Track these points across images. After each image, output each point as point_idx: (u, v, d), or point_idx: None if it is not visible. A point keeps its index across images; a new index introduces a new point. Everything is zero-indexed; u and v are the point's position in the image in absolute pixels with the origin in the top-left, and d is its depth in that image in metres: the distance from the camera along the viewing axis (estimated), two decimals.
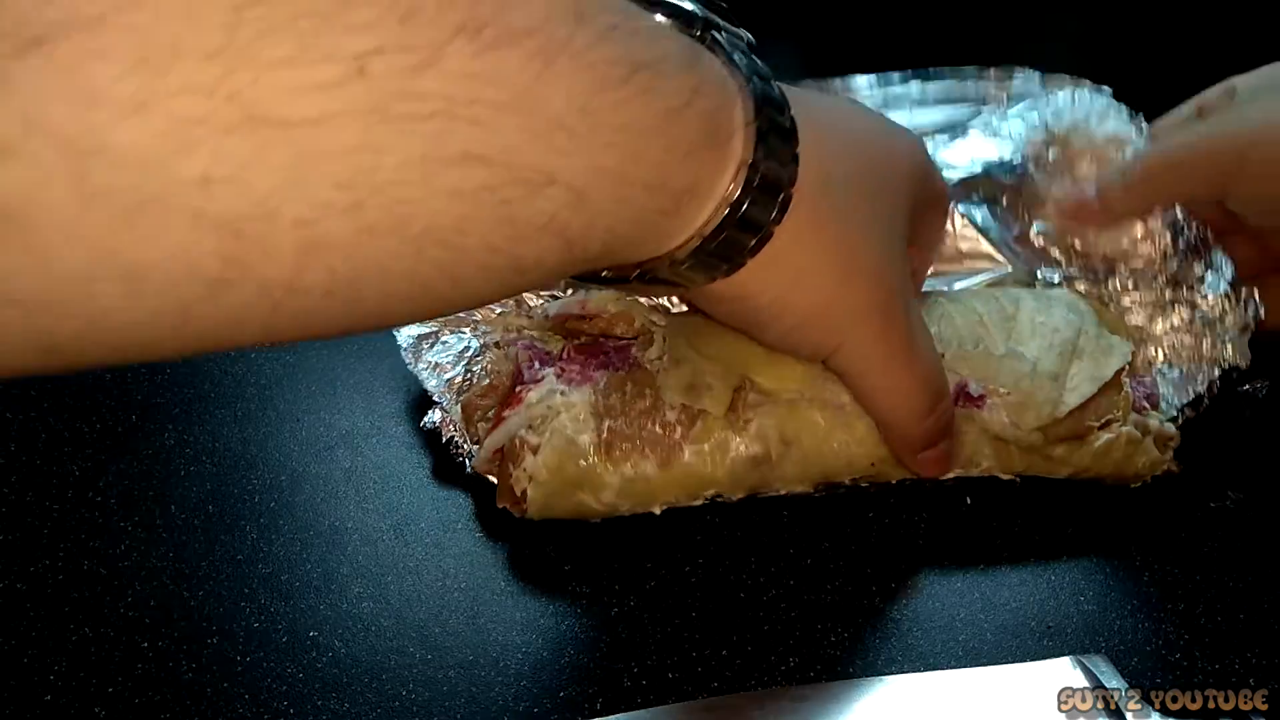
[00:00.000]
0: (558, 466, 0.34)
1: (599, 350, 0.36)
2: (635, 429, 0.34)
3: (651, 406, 0.35)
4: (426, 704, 0.32)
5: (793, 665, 0.33)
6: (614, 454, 0.34)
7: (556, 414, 0.34)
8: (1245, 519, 0.38)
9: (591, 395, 0.35)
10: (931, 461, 0.35)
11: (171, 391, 0.42)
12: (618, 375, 0.35)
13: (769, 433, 0.35)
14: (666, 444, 0.34)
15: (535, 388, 0.35)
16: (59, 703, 0.32)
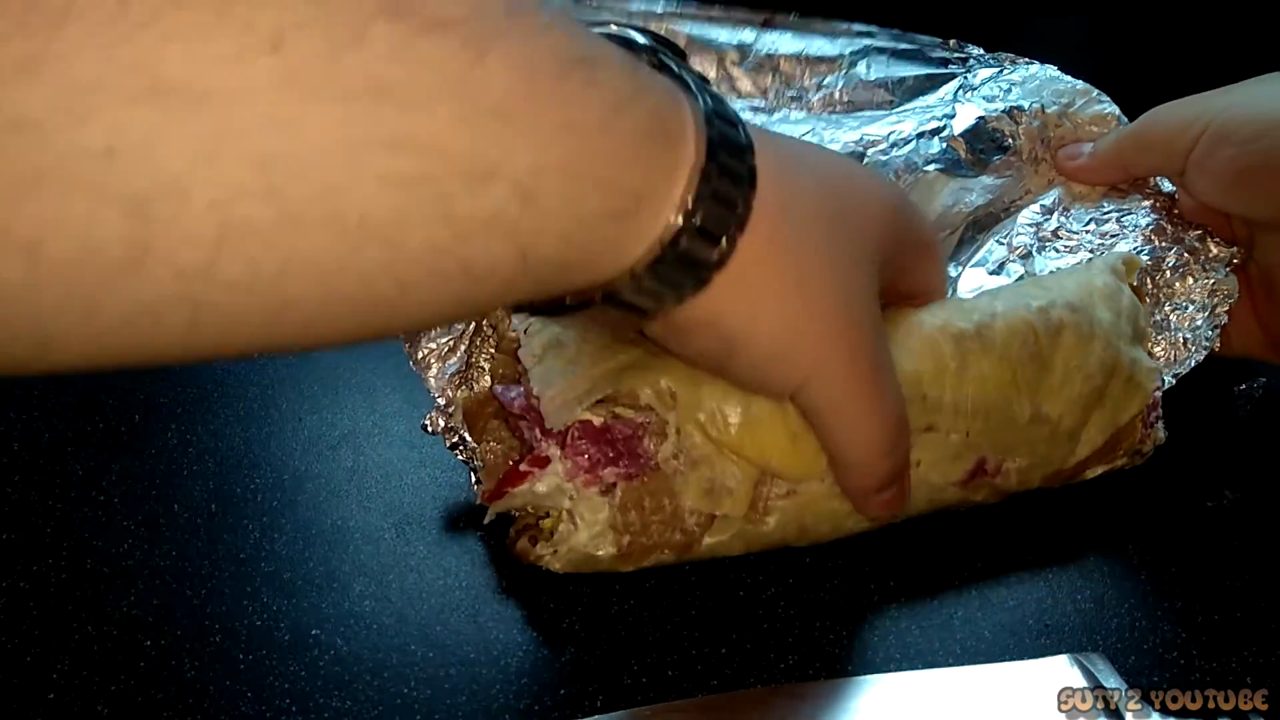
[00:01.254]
0: (574, 566, 0.34)
1: (608, 438, 0.33)
2: (654, 537, 0.33)
3: (671, 514, 0.33)
4: (428, 702, 0.32)
5: (792, 663, 0.33)
6: (633, 557, 0.34)
7: (569, 524, 0.33)
8: (1242, 518, 0.38)
9: (607, 510, 0.33)
10: (884, 504, 0.33)
11: (174, 391, 0.43)
12: (633, 488, 0.33)
13: (788, 525, 0.34)
14: (686, 542, 0.34)
15: (541, 476, 0.33)
16: (62, 701, 0.32)
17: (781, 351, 0.29)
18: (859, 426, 0.31)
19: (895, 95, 0.47)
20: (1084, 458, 0.36)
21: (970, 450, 0.34)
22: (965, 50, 0.48)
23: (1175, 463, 0.40)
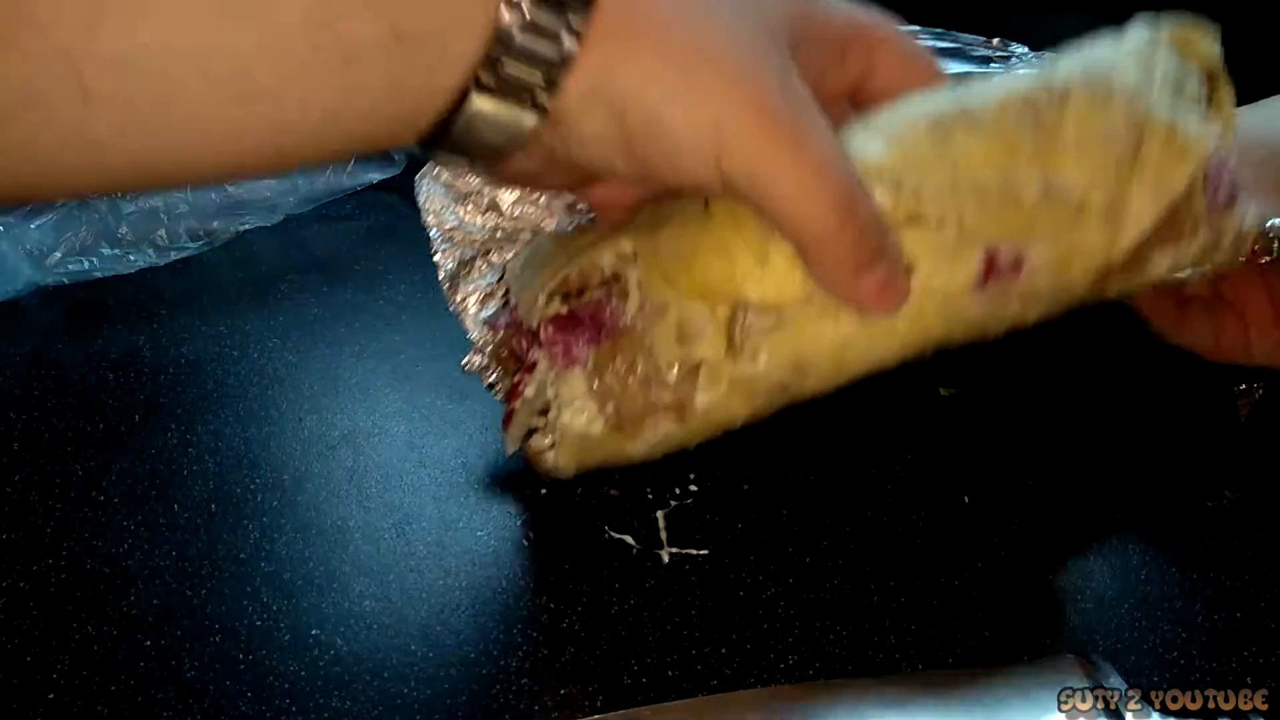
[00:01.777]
0: (579, 458, 0.33)
1: (577, 322, 0.32)
2: (640, 402, 0.31)
3: (648, 372, 0.31)
4: (428, 702, 0.32)
5: (792, 663, 0.33)
6: (628, 428, 0.32)
7: (558, 410, 0.33)
8: (1242, 518, 0.38)
9: (583, 382, 0.32)
10: (875, 291, 0.29)
11: (174, 391, 0.43)
12: (602, 351, 0.31)
13: (781, 362, 0.31)
14: (678, 403, 0.31)
15: (530, 378, 0.33)
16: (61, 701, 0.32)
17: (679, 116, 0.27)
18: (792, 183, 0.28)
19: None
20: (1136, 243, 0.30)
21: (970, 243, 0.29)
22: (1009, 49, 0.48)
23: (1175, 463, 0.40)
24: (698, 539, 0.37)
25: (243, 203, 0.49)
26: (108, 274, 0.47)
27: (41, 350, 0.45)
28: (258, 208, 0.49)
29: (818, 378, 0.32)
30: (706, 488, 0.39)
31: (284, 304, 0.47)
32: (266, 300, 0.47)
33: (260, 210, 0.49)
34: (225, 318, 0.46)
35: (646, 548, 0.37)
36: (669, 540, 0.37)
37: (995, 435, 0.41)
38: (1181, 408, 0.42)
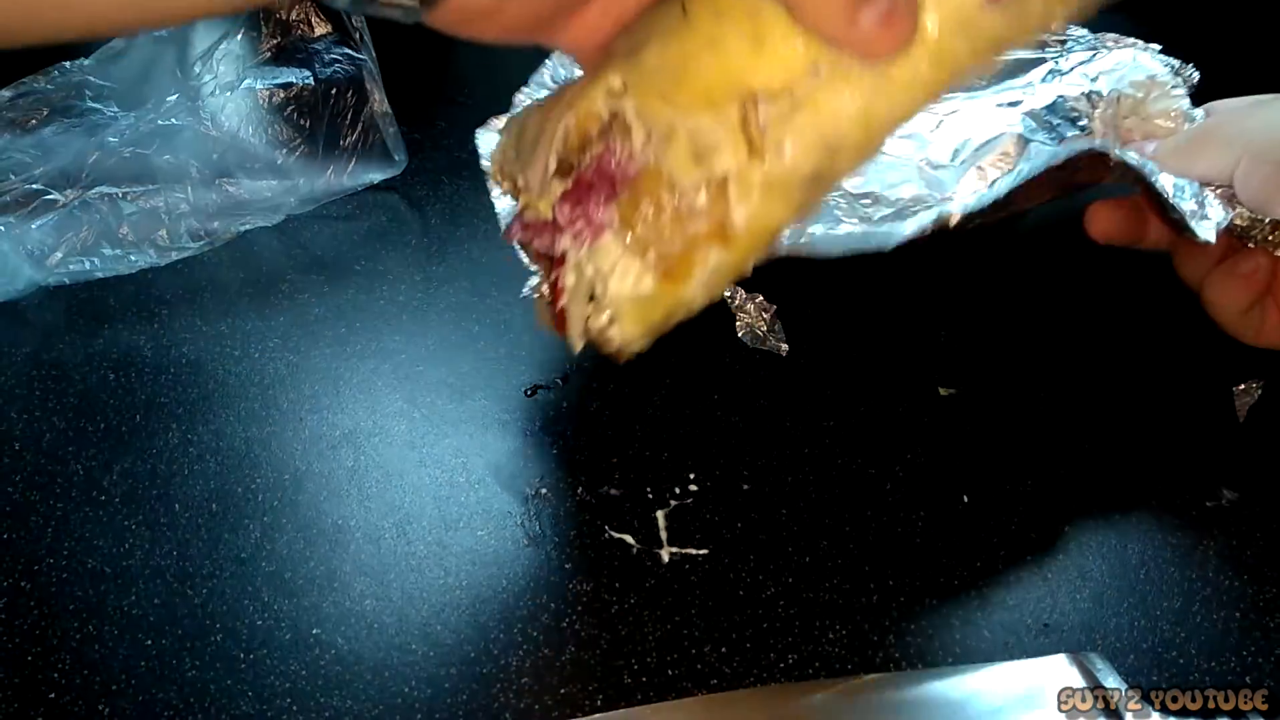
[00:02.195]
0: (642, 321, 0.31)
1: (587, 188, 0.31)
2: (679, 239, 0.29)
3: (677, 206, 0.29)
4: (429, 701, 0.32)
5: (791, 663, 0.34)
6: (678, 272, 0.30)
7: (603, 284, 0.30)
8: (1241, 518, 0.38)
9: (616, 243, 0.30)
10: (876, 30, 0.26)
11: (175, 391, 0.43)
12: (622, 203, 0.30)
13: (810, 148, 0.29)
14: (717, 226, 0.30)
15: (564, 269, 0.31)
16: (63, 700, 0.32)
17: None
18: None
19: (984, 79, 0.49)
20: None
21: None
22: (1067, 30, 0.49)
23: (1175, 463, 0.40)
24: (698, 539, 0.37)
25: (244, 203, 0.49)
26: (108, 274, 0.47)
27: (42, 350, 0.45)
28: (259, 208, 0.49)
29: (853, 151, 0.30)
30: (706, 488, 0.39)
31: (285, 304, 0.47)
32: (267, 300, 0.47)
33: (261, 210, 0.49)
34: (226, 318, 0.46)
35: (646, 547, 0.37)
36: (669, 540, 0.37)
37: (995, 435, 0.41)
38: (1180, 408, 0.42)
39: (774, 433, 0.41)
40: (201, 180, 0.48)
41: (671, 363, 0.44)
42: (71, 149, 0.48)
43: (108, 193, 0.47)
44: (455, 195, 0.52)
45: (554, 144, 0.30)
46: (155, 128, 0.48)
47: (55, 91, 0.49)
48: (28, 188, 0.47)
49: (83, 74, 0.50)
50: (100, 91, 0.50)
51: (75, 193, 0.47)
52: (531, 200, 0.32)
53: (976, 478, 0.39)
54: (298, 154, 0.50)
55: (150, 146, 0.48)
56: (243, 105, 0.50)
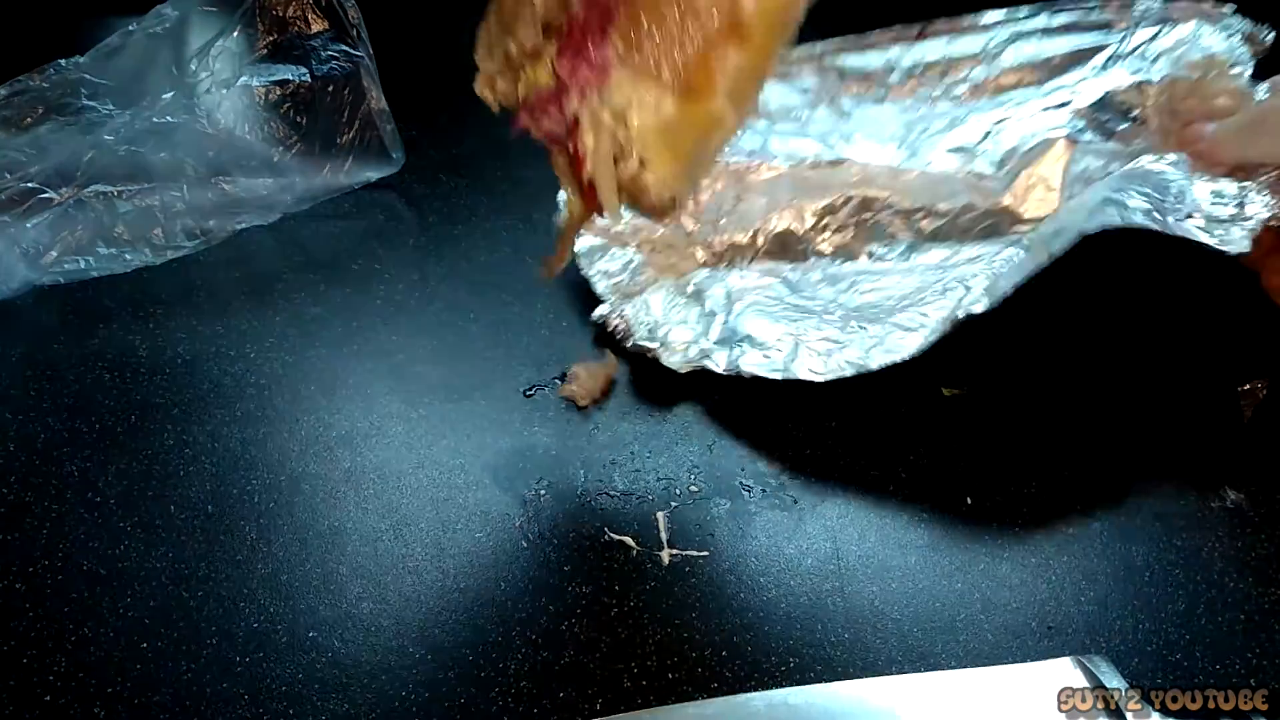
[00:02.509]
0: (674, 153, 0.29)
1: (578, 32, 0.29)
2: (689, 46, 0.28)
3: (681, 8, 0.28)
4: (426, 705, 0.32)
5: (792, 665, 0.33)
6: (699, 84, 0.28)
7: (625, 126, 0.29)
8: (1246, 520, 0.38)
9: (626, 75, 0.28)
10: None
11: (171, 392, 0.42)
12: (620, 26, 0.28)
13: None
14: (725, 21, 0.28)
15: (582, 132, 0.30)
16: (58, 703, 0.32)
17: None
18: None
19: (1041, 74, 0.49)
20: None
21: None
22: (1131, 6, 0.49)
23: (1178, 463, 0.40)
24: (698, 539, 0.37)
25: (239, 202, 0.49)
26: (104, 273, 0.47)
27: (37, 350, 0.45)
28: (254, 207, 0.49)
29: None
30: (706, 488, 0.39)
31: (281, 303, 0.46)
32: (263, 300, 0.47)
33: (257, 209, 0.49)
34: (222, 317, 0.46)
35: (647, 549, 0.37)
36: (669, 541, 0.37)
37: (998, 436, 0.41)
38: (1185, 409, 0.42)
39: (775, 433, 0.41)
40: (197, 178, 0.48)
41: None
42: (67, 147, 0.47)
43: (103, 191, 0.47)
44: (453, 194, 0.52)
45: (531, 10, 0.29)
46: (151, 126, 0.48)
47: (50, 89, 0.49)
48: (22, 186, 0.46)
49: (78, 71, 0.49)
50: (96, 89, 0.49)
51: (70, 191, 0.47)
52: (528, 72, 0.30)
53: (980, 479, 0.39)
54: (294, 152, 0.50)
55: (146, 144, 0.48)
56: (239, 102, 0.50)
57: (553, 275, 0.38)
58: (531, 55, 0.30)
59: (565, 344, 0.45)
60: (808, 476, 0.39)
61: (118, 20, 0.58)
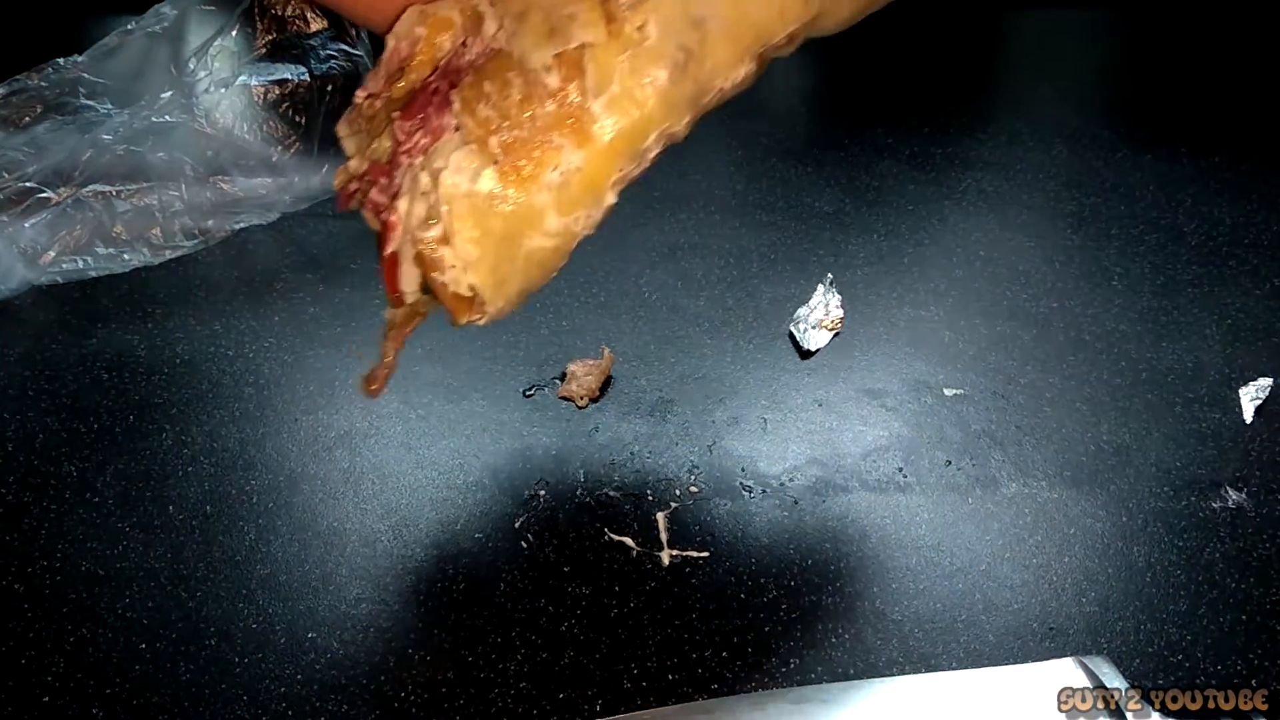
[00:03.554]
0: (479, 231, 0.27)
1: (425, 94, 0.28)
2: (527, 124, 0.27)
3: (527, 87, 0.27)
4: (425, 705, 0.32)
5: (793, 667, 0.33)
6: (524, 169, 0.27)
7: (435, 184, 0.27)
8: (1248, 521, 0.37)
9: (452, 130, 0.27)
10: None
11: (169, 392, 0.42)
12: (464, 88, 0.27)
13: (673, 24, 0.27)
14: (571, 114, 0.27)
15: (398, 202, 0.28)
16: (57, 703, 0.32)
17: None
18: None
19: None
20: None
21: None
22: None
23: (1179, 464, 0.39)
24: (698, 540, 0.37)
25: (238, 201, 0.49)
26: (102, 273, 0.47)
27: (35, 350, 0.45)
28: (253, 206, 0.49)
29: (724, 34, 0.27)
30: (707, 489, 0.39)
31: (279, 303, 0.46)
32: (262, 299, 0.47)
33: (255, 209, 0.49)
34: (220, 317, 0.46)
35: (646, 550, 0.37)
36: (669, 542, 0.37)
37: (998, 436, 0.41)
38: (1186, 409, 0.42)
39: (775, 433, 0.41)
40: (196, 178, 0.48)
41: (671, 363, 0.44)
42: (65, 146, 0.47)
43: (101, 191, 0.47)
44: None
45: (391, 49, 0.27)
46: (149, 125, 0.48)
47: (49, 89, 0.49)
48: (21, 185, 0.46)
49: (76, 71, 0.49)
50: (94, 89, 0.49)
51: (69, 191, 0.47)
52: (377, 142, 0.28)
53: (979, 478, 0.39)
54: (293, 151, 0.50)
55: (144, 144, 0.48)
56: (237, 102, 0.50)
57: (376, 394, 0.33)
58: (380, 119, 0.29)
59: (565, 344, 0.45)
60: (808, 476, 0.39)
61: (116, 19, 0.58)
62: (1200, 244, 0.51)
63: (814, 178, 0.56)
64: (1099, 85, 0.51)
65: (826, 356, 0.44)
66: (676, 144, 0.29)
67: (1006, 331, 0.46)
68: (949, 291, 0.48)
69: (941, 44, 0.71)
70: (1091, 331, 0.46)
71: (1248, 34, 0.70)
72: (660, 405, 0.42)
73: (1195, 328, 0.46)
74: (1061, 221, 0.53)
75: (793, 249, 0.51)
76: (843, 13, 0.29)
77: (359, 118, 0.29)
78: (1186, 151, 0.58)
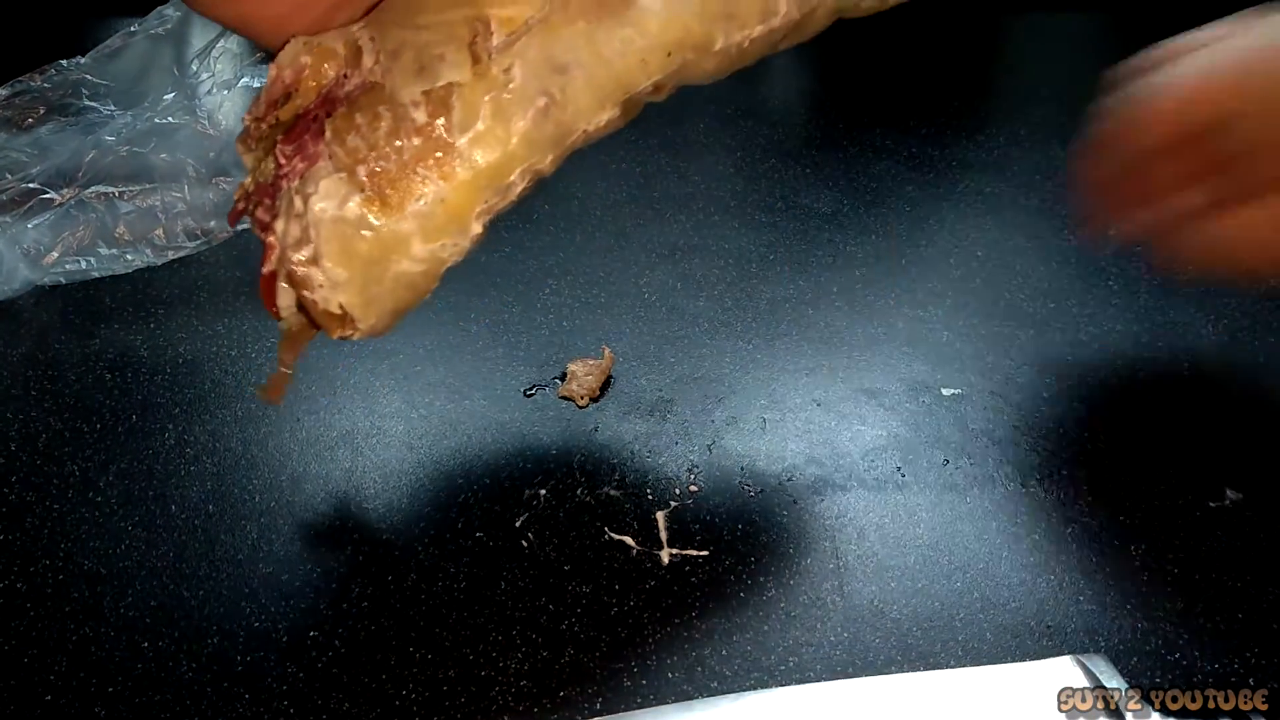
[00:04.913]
0: (346, 254, 0.29)
1: (305, 121, 0.29)
2: (393, 156, 0.28)
3: (395, 121, 0.28)
4: (426, 704, 0.32)
5: (792, 665, 0.33)
6: (390, 198, 0.28)
7: (306, 207, 0.28)
8: (1244, 518, 0.38)
9: (329, 166, 0.28)
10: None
11: (172, 392, 0.43)
12: (338, 118, 0.28)
13: (537, 69, 0.28)
14: (436, 148, 0.28)
15: (276, 223, 0.29)
16: (59, 703, 0.32)
17: None
18: None
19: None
20: None
21: None
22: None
23: (1177, 462, 0.40)
24: (698, 539, 0.37)
25: None
26: (105, 274, 0.47)
27: (38, 350, 0.45)
28: None
29: (585, 83, 0.29)
30: (706, 488, 0.39)
31: None
32: None
33: None
34: (223, 317, 0.46)
35: (646, 549, 0.37)
36: (669, 541, 0.37)
37: (997, 435, 0.41)
38: (1184, 408, 0.42)
39: (775, 433, 0.41)
40: (198, 179, 0.48)
41: (671, 363, 0.44)
42: (68, 147, 0.48)
43: (104, 192, 0.47)
44: None
45: (274, 76, 0.29)
46: (152, 126, 0.48)
47: (52, 90, 0.49)
48: (24, 186, 0.47)
49: (79, 72, 0.50)
50: (97, 90, 0.49)
51: (72, 191, 0.47)
52: (264, 163, 0.30)
53: (979, 478, 0.39)
54: None
55: (147, 145, 0.48)
56: (240, 103, 0.50)
57: (276, 400, 0.35)
58: (268, 141, 0.30)
59: (565, 344, 0.45)
60: (806, 476, 0.39)
61: (119, 21, 0.58)
62: None
63: (812, 179, 0.57)
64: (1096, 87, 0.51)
65: (825, 357, 0.45)
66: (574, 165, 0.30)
67: (1004, 331, 0.46)
68: (947, 292, 0.48)
69: (940, 46, 0.71)
70: (1088, 331, 0.46)
71: None
72: (660, 405, 0.42)
73: (1192, 328, 0.46)
74: (1059, 222, 0.53)
75: (791, 249, 0.51)
76: (708, 66, 0.30)
77: (249, 138, 0.31)
78: None
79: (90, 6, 0.69)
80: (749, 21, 0.29)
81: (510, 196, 0.30)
